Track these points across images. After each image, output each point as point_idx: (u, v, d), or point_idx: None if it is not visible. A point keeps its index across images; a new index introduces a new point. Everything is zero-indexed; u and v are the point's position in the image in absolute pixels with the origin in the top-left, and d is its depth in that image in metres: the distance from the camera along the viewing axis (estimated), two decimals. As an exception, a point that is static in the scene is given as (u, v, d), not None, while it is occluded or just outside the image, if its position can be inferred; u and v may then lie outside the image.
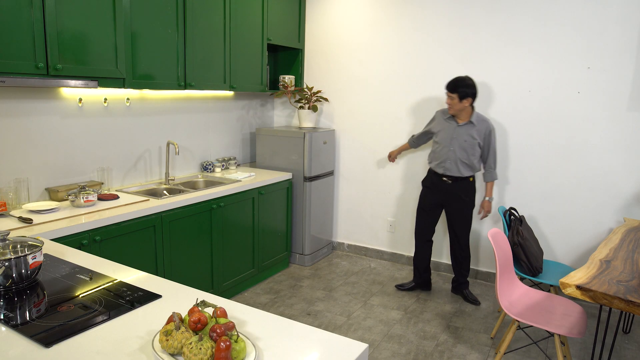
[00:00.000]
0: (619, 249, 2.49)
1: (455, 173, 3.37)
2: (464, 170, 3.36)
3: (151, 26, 2.89)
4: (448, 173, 3.39)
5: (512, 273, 2.67)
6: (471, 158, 3.34)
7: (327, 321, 3.19)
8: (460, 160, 3.34)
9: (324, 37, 4.38)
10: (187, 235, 2.98)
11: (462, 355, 2.82)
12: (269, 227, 3.81)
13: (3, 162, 2.50)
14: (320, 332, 1.29)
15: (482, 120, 3.34)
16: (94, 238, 2.37)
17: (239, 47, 3.63)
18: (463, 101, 3.24)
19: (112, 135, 3.08)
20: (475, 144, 3.32)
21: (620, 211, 3.40)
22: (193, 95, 3.65)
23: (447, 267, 4.10)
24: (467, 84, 3.24)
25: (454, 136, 3.34)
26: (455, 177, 3.38)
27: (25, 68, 2.22)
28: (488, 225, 3.87)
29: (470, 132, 3.31)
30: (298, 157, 4.01)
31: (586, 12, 3.32)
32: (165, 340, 1.13)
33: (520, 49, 3.57)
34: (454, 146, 3.33)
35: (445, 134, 3.37)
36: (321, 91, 4.39)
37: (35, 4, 2.22)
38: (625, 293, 1.91)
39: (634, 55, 3.22)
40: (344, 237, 4.59)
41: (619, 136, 3.34)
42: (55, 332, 1.25)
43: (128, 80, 2.77)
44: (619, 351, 2.90)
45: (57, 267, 1.72)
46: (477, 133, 3.32)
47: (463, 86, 3.23)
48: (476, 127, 3.31)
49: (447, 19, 3.79)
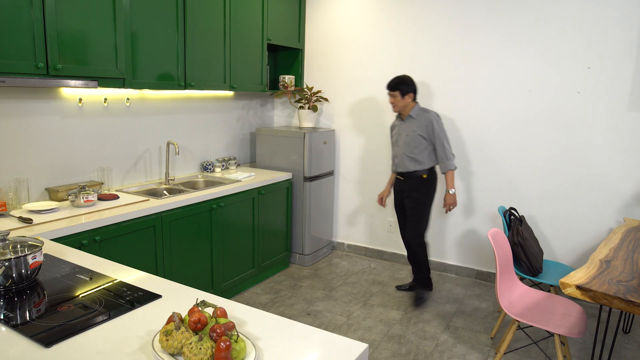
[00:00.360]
0: (619, 249, 2.49)
1: (404, 169, 3.40)
2: (410, 165, 3.37)
3: (151, 26, 2.89)
4: (400, 169, 3.44)
5: (512, 273, 2.67)
6: (415, 151, 3.33)
7: (327, 321, 3.18)
8: (406, 155, 3.36)
9: (324, 37, 4.38)
10: (187, 235, 2.98)
11: (462, 355, 2.82)
12: (269, 227, 3.81)
13: (3, 162, 2.50)
14: (320, 332, 1.29)
15: (422, 112, 3.35)
16: (94, 238, 2.37)
17: (239, 47, 3.63)
18: (405, 97, 3.32)
19: (112, 135, 3.08)
20: (417, 137, 3.32)
21: (620, 211, 3.40)
22: (193, 95, 3.65)
23: (448, 267, 4.10)
24: (405, 81, 3.33)
25: (399, 132, 3.42)
26: (406, 173, 3.41)
27: (25, 68, 2.22)
28: (488, 225, 3.87)
29: (411, 126, 3.35)
30: (298, 157, 4.01)
31: (586, 12, 3.32)
32: (165, 340, 1.13)
33: (520, 49, 3.57)
34: (400, 142, 3.41)
35: (396, 132, 3.48)
36: (321, 91, 4.39)
37: (35, 4, 2.22)
38: (625, 293, 1.91)
39: (634, 55, 3.22)
40: (344, 237, 4.59)
41: (619, 136, 3.34)
42: (55, 332, 1.25)
43: (128, 80, 2.77)
44: (619, 351, 2.90)
45: (57, 267, 1.72)
46: (418, 126, 3.32)
47: (402, 84, 3.31)
48: (416, 120, 3.34)
49: (447, 19, 3.79)
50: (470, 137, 3.84)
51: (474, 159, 3.85)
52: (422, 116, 3.34)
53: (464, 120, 3.84)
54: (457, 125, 3.87)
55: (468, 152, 3.86)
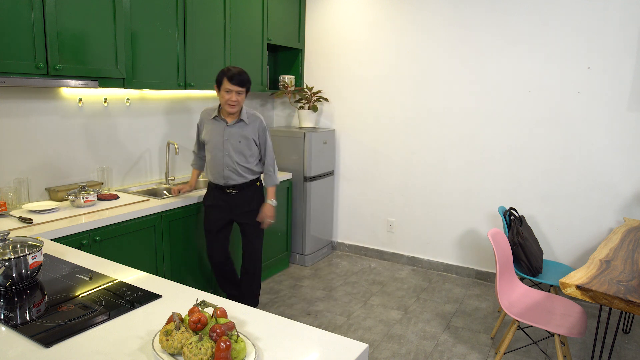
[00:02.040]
0: (619, 249, 2.49)
1: (239, 180, 2.87)
2: (247, 175, 2.89)
3: (151, 26, 2.88)
4: (231, 182, 2.87)
5: (512, 273, 2.67)
6: (250, 160, 2.88)
7: (327, 321, 3.18)
8: (239, 164, 2.84)
9: (324, 37, 4.38)
10: (187, 235, 2.98)
11: (462, 355, 2.82)
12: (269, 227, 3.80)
13: (3, 162, 2.50)
14: (320, 332, 1.29)
15: (253, 116, 2.88)
16: (94, 238, 2.37)
17: (239, 47, 3.63)
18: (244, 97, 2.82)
19: (112, 135, 3.08)
20: (251, 144, 2.86)
21: (620, 211, 3.40)
22: (193, 95, 3.65)
23: (448, 267, 4.10)
24: (249, 77, 2.81)
25: (225, 138, 2.83)
26: (240, 184, 2.89)
27: (25, 68, 2.22)
28: (488, 225, 3.87)
29: (243, 131, 2.83)
30: (298, 157, 4.01)
31: (586, 12, 3.32)
32: (165, 340, 1.13)
33: (520, 48, 3.57)
34: (228, 149, 2.83)
35: (217, 137, 2.84)
36: (321, 91, 4.39)
37: (35, 4, 2.22)
38: (625, 293, 1.91)
39: (634, 55, 3.22)
40: (344, 237, 4.59)
41: (619, 136, 3.34)
42: (55, 332, 1.25)
43: (128, 80, 2.77)
44: (619, 351, 2.90)
45: (57, 267, 1.72)
46: (252, 131, 2.85)
47: (249, 80, 2.80)
48: (249, 125, 2.85)
49: (447, 19, 3.79)
50: (470, 137, 3.84)
51: (474, 159, 3.85)
52: (254, 121, 2.88)
53: (464, 120, 3.83)
54: (457, 125, 3.87)
55: (468, 152, 3.86)
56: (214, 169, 2.88)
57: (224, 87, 2.73)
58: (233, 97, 2.73)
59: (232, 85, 2.71)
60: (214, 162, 2.87)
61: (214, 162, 2.87)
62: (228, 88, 2.72)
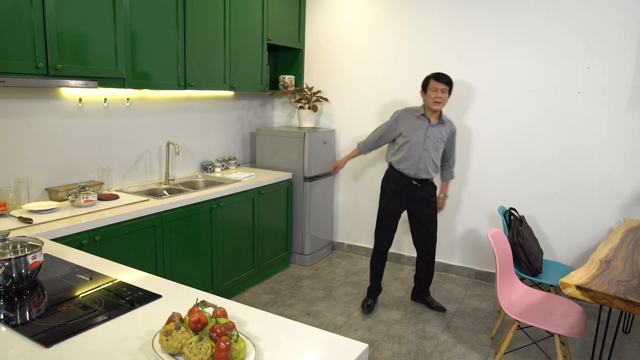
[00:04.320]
0: (619, 249, 2.49)
1: (426, 175, 3.18)
2: (433, 171, 3.21)
3: (151, 26, 2.88)
4: (421, 175, 3.18)
5: (512, 273, 2.67)
6: (440, 157, 3.24)
7: (327, 321, 3.18)
8: (433, 161, 3.18)
9: (324, 37, 4.38)
10: (187, 235, 2.98)
11: (462, 355, 2.82)
12: (269, 227, 3.81)
13: (3, 162, 2.50)
14: (320, 332, 1.29)
15: (448, 120, 3.25)
16: (94, 238, 2.37)
17: (239, 47, 3.63)
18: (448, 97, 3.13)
19: (112, 135, 3.08)
20: (443, 143, 3.21)
21: (620, 211, 3.40)
22: (193, 95, 3.65)
23: (448, 267, 4.10)
24: (452, 79, 3.12)
25: (427, 135, 3.14)
26: (425, 179, 3.21)
27: (25, 68, 2.22)
28: (488, 225, 3.87)
29: (441, 131, 3.18)
30: (298, 157, 4.01)
31: (586, 12, 3.32)
32: (165, 340, 1.13)
33: (520, 49, 3.57)
34: (427, 146, 3.14)
35: (419, 133, 3.14)
36: (321, 91, 4.39)
37: (35, 4, 2.22)
38: (625, 293, 1.91)
39: (634, 55, 3.22)
40: (344, 237, 4.59)
41: (619, 136, 3.34)
42: (55, 332, 1.25)
43: (128, 80, 2.77)
44: (619, 351, 2.90)
45: (57, 267, 1.72)
46: (447, 133, 3.22)
47: (452, 81, 3.11)
48: (446, 126, 3.21)
49: (447, 19, 3.79)
50: (470, 137, 3.84)
51: (474, 159, 3.85)
52: (449, 123, 3.24)
53: (464, 119, 3.84)
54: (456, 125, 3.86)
55: (468, 152, 3.86)
56: (409, 160, 3.17)
57: (431, 87, 3.07)
58: (439, 94, 3.04)
59: (438, 83, 3.05)
60: (410, 155, 3.16)
61: (409, 155, 3.16)
62: (435, 87, 3.06)
